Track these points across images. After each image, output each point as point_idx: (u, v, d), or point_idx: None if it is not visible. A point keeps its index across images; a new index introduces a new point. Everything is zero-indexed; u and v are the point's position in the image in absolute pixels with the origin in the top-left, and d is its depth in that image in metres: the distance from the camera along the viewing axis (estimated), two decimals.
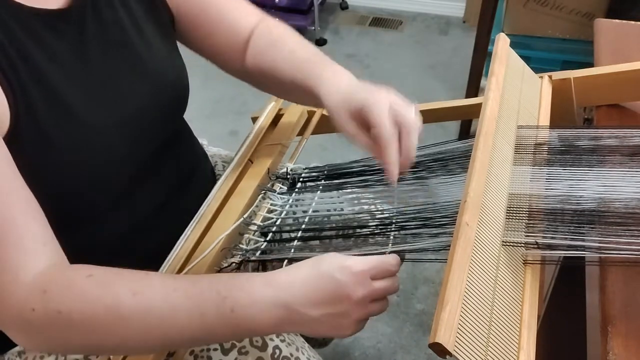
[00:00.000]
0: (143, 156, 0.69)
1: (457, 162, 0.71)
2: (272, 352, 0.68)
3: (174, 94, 0.72)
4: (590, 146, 0.67)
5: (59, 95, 0.58)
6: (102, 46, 0.63)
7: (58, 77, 0.58)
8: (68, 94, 0.59)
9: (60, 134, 0.58)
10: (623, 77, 0.80)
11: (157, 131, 0.70)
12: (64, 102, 0.58)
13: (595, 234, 0.55)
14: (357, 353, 1.41)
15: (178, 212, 0.74)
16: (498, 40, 0.80)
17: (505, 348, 0.49)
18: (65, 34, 0.60)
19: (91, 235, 0.67)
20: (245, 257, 0.67)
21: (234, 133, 2.14)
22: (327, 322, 0.52)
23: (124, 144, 0.65)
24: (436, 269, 1.57)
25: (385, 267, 0.55)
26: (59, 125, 0.58)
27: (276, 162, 0.84)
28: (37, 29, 0.58)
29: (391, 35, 2.70)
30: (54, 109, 0.58)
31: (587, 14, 1.80)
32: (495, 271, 0.54)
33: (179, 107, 0.75)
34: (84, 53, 0.62)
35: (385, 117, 0.59)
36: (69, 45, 0.60)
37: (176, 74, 0.73)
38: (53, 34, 0.59)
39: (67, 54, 0.60)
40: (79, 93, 0.60)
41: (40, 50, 0.57)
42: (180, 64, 0.74)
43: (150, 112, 0.68)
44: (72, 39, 0.61)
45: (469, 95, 1.86)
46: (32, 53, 0.56)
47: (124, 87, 0.65)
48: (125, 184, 0.68)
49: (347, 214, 0.74)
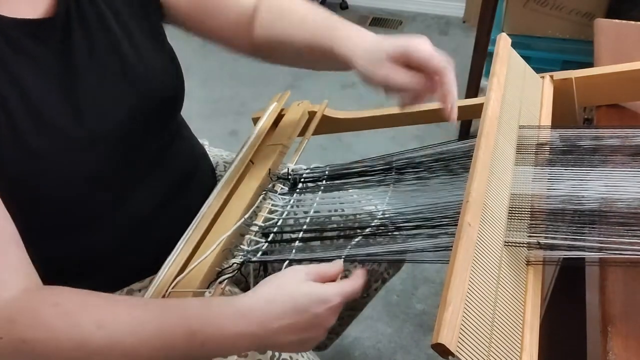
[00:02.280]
0: (139, 159, 0.69)
1: (458, 162, 0.71)
2: (272, 354, 0.68)
3: (165, 95, 0.71)
4: (592, 146, 0.67)
5: (41, 106, 0.57)
6: (89, 52, 0.62)
7: (41, 87, 0.57)
8: (51, 104, 0.58)
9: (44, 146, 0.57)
10: (623, 77, 0.80)
11: (152, 133, 0.70)
12: (46, 113, 0.57)
13: (597, 234, 0.55)
14: (357, 353, 1.41)
15: (178, 212, 0.74)
16: (499, 40, 0.80)
17: (507, 348, 0.49)
18: (49, 42, 0.59)
19: (90, 238, 0.67)
20: (246, 258, 0.67)
21: (234, 133, 2.14)
22: (294, 345, 0.55)
23: (116, 151, 0.64)
24: (436, 269, 1.57)
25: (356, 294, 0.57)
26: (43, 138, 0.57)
27: (277, 163, 0.84)
28: (19, 39, 0.56)
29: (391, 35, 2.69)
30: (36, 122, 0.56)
31: (587, 14, 1.80)
32: (497, 271, 0.54)
33: (171, 108, 0.74)
34: (70, 61, 0.61)
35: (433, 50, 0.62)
36: (53, 54, 0.59)
37: (166, 75, 0.71)
38: (36, 42, 0.58)
39: (51, 63, 0.59)
40: (64, 102, 0.59)
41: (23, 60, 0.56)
42: (170, 64, 0.73)
43: (141, 116, 0.67)
44: (56, 47, 0.60)
45: (469, 95, 1.86)
46: (11, 63, 0.55)
47: (112, 92, 0.64)
48: (123, 187, 0.68)
49: (348, 215, 0.74)
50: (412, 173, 0.72)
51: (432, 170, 0.72)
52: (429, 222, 0.63)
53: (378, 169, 0.75)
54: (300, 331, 0.53)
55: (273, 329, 0.52)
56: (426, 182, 0.70)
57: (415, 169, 0.72)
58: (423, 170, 0.73)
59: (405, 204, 0.68)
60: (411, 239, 0.62)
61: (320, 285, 0.54)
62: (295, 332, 0.53)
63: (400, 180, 0.72)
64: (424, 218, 0.64)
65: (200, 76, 2.40)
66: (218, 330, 0.52)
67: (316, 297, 0.53)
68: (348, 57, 0.65)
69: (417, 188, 0.70)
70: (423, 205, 0.66)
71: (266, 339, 0.53)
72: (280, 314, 0.53)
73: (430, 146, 0.75)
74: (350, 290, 0.56)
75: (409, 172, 0.73)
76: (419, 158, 0.74)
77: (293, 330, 0.53)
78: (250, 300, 0.54)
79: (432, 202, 0.66)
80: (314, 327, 0.54)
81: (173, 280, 0.66)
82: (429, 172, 0.72)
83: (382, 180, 0.73)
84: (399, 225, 0.66)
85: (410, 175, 0.72)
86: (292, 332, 0.53)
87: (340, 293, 0.54)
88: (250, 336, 0.52)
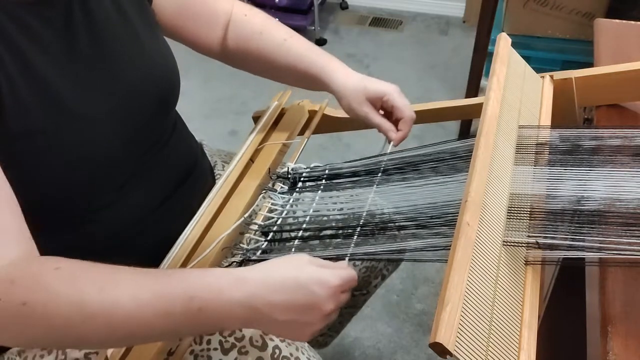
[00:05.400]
0: (138, 149, 0.69)
1: (458, 161, 0.71)
2: (272, 352, 0.68)
3: (164, 79, 0.72)
4: (591, 146, 0.67)
5: (47, 84, 0.57)
6: (90, 34, 0.63)
7: (46, 65, 0.58)
8: (57, 82, 0.58)
9: (49, 124, 0.57)
10: (623, 77, 0.80)
11: (151, 121, 0.70)
12: (52, 91, 0.58)
13: (596, 234, 0.55)
14: (357, 353, 1.41)
15: (177, 211, 0.74)
16: (499, 40, 0.80)
17: (505, 348, 0.49)
18: (52, 21, 0.60)
19: (88, 233, 0.67)
20: (246, 257, 0.67)
21: (234, 133, 2.14)
22: (291, 327, 0.54)
23: (116, 134, 0.64)
24: (436, 269, 1.57)
25: (353, 281, 0.57)
26: (49, 116, 0.57)
27: (277, 162, 0.84)
28: (22, 17, 0.57)
29: (391, 35, 2.70)
30: (42, 99, 0.57)
31: (587, 14, 1.80)
32: (496, 271, 0.54)
33: (170, 94, 0.75)
34: (72, 40, 0.61)
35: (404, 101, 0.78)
36: (55, 33, 0.60)
37: (165, 60, 0.73)
38: (39, 21, 0.58)
39: (54, 42, 0.59)
40: (67, 82, 0.60)
41: (27, 39, 0.57)
42: (168, 52, 0.75)
43: (141, 99, 0.68)
44: (59, 27, 0.60)
45: (469, 95, 1.86)
46: (18, 42, 0.56)
47: (113, 74, 0.65)
48: (121, 179, 0.68)
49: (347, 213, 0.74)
50: (411, 172, 0.72)
51: (431, 169, 0.72)
52: (428, 221, 0.63)
53: (377, 168, 0.75)
54: (298, 311, 0.53)
55: (271, 301, 0.52)
56: (426, 182, 0.70)
57: (415, 168, 0.73)
58: (423, 169, 0.73)
59: (405, 203, 0.68)
60: (410, 237, 0.63)
61: (321, 269, 0.55)
62: (292, 310, 0.53)
63: (400, 180, 0.72)
64: (423, 217, 0.64)
65: (200, 76, 2.40)
66: (216, 296, 0.52)
67: (317, 277, 0.53)
68: (336, 92, 0.80)
69: (417, 187, 0.70)
70: (422, 205, 0.66)
71: (262, 313, 0.52)
72: (280, 288, 0.53)
73: (430, 145, 0.75)
74: (347, 275, 0.56)
75: (408, 171, 0.73)
76: (418, 157, 0.74)
77: (290, 308, 0.53)
78: (251, 271, 0.54)
79: (431, 202, 0.66)
80: (312, 309, 0.53)
81: None
82: (429, 172, 0.72)
83: (382, 179, 0.73)
84: (398, 224, 0.66)
85: (410, 175, 0.72)
86: (290, 310, 0.53)
87: (339, 275, 0.55)
88: (247, 306, 0.52)
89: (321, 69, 0.80)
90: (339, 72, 0.80)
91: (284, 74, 0.85)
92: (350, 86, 0.78)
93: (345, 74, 0.80)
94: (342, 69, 0.81)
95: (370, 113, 0.78)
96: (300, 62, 0.81)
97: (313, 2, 2.56)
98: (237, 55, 0.85)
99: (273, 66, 0.84)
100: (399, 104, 0.78)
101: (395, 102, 0.77)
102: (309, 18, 2.59)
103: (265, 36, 0.83)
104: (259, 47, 0.83)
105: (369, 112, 0.78)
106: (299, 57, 0.82)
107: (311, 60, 0.81)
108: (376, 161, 0.77)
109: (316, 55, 0.82)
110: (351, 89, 0.78)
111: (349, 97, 0.78)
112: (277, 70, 0.85)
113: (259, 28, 0.83)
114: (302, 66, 0.81)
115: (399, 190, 0.70)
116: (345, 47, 2.59)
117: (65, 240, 0.66)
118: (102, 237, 0.68)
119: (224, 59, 0.88)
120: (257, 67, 0.87)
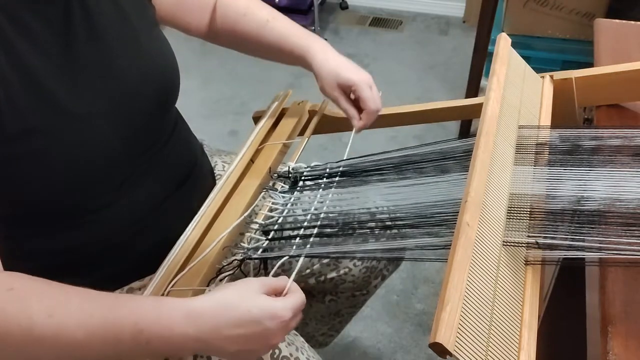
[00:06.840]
0: (137, 149, 0.68)
1: (458, 161, 0.71)
2: (272, 352, 0.68)
3: (164, 79, 0.72)
4: (591, 146, 0.67)
5: (43, 84, 0.57)
6: (88, 32, 0.63)
7: (40, 63, 0.57)
8: (51, 80, 0.58)
9: (46, 124, 0.57)
10: (623, 77, 0.80)
11: (150, 120, 0.70)
12: (46, 88, 0.57)
13: (596, 234, 0.55)
14: (357, 353, 1.41)
15: (176, 209, 0.74)
16: (499, 40, 0.80)
17: (505, 348, 0.49)
18: (52, 21, 0.60)
19: (88, 233, 0.67)
20: (246, 256, 0.67)
21: (234, 133, 2.14)
22: (238, 356, 0.56)
23: (115, 134, 0.64)
24: (436, 269, 1.57)
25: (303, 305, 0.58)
26: (45, 116, 0.57)
27: (277, 162, 0.84)
28: (22, 17, 0.57)
29: (391, 35, 2.70)
30: (37, 99, 0.57)
31: (587, 14, 1.80)
32: (495, 271, 0.54)
33: (170, 94, 0.75)
34: (70, 38, 0.61)
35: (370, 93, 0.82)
36: (53, 30, 0.60)
37: (164, 60, 0.73)
38: (39, 21, 0.58)
39: (53, 42, 0.59)
40: (65, 82, 0.59)
41: (25, 40, 0.56)
42: (168, 51, 0.75)
43: (140, 99, 0.67)
44: (58, 27, 0.60)
45: (469, 95, 1.86)
46: (15, 43, 0.56)
47: (112, 74, 0.64)
48: (121, 179, 0.67)
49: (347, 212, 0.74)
50: (411, 171, 0.72)
51: (431, 169, 0.72)
52: (427, 221, 0.63)
53: (377, 167, 0.75)
54: (248, 342, 0.54)
55: (223, 336, 0.53)
56: (425, 181, 0.70)
57: (415, 168, 0.73)
58: (422, 168, 0.73)
59: (404, 202, 0.68)
60: (410, 237, 0.63)
61: (272, 300, 0.55)
62: (242, 342, 0.54)
63: (400, 179, 0.72)
64: (423, 216, 0.64)
65: (200, 76, 2.40)
66: (166, 331, 0.52)
67: (269, 312, 0.54)
68: (315, 73, 0.84)
69: (417, 186, 0.70)
70: (422, 204, 0.66)
71: (213, 345, 0.54)
72: (232, 323, 0.53)
73: (430, 145, 0.75)
74: (297, 303, 0.57)
75: (408, 170, 0.73)
76: (418, 156, 0.74)
77: (241, 341, 0.54)
78: (205, 304, 0.54)
79: (431, 201, 0.66)
80: (261, 340, 0.55)
81: (173, 278, 0.66)
82: (429, 171, 0.72)
83: (382, 178, 0.73)
84: (398, 223, 0.66)
85: (409, 174, 0.72)
86: (240, 342, 0.54)
87: (291, 307, 0.56)
88: (198, 340, 0.53)
89: (305, 50, 0.84)
90: (320, 54, 0.84)
91: (269, 53, 0.89)
92: (325, 70, 0.83)
93: (324, 57, 0.83)
94: (322, 52, 0.84)
95: (339, 98, 0.83)
96: (285, 42, 0.85)
97: (313, 2, 2.56)
98: (223, 36, 0.89)
99: (258, 47, 0.88)
100: (364, 95, 0.81)
101: (361, 93, 0.81)
102: (309, 18, 2.59)
103: (249, 17, 0.86)
104: (244, 28, 0.87)
105: (339, 97, 0.83)
106: (284, 38, 0.86)
107: (294, 41, 0.85)
108: (376, 160, 0.77)
109: (298, 37, 0.86)
110: (326, 72, 0.83)
111: (323, 80, 0.83)
112: (263, 50, 0.89)
113: (242, 10, 0.87)
114: (287, 47, 0.85)
115: (400, 190, 0.70)
116: (345, 47, 2.58)
117: (65, 240, 0.65)
118: (101, 237, 0.68)
119: (212, 41, 0.91)
120: (243, 47, 0.91)
